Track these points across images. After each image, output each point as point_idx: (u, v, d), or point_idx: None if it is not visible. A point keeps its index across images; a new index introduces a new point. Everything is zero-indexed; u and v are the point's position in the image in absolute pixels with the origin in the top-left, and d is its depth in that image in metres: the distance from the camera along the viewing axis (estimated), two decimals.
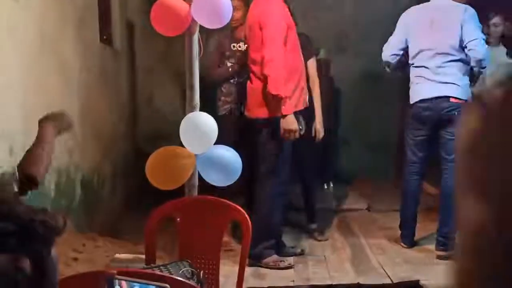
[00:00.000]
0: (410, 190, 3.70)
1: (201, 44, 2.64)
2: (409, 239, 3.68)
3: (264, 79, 3.15)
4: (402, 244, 3.70)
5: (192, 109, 2.62)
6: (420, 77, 3.50)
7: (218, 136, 2.60)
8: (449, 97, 3.42)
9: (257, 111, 3.28)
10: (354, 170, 6.14)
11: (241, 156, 2.66)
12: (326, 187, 5.56)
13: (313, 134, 3.75)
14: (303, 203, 4.13)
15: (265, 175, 3.32)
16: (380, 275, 3.19)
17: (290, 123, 3.17)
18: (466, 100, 3.41)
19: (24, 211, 0.89)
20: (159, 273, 2.03)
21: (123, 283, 1.22)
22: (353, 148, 6.27)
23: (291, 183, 3.64)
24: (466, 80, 3.48)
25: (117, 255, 3.51)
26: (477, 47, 3.34)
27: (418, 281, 3.09)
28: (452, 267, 0.55)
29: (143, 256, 2.47)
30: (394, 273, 3.20)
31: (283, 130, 3.18)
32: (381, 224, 4.39)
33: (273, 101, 3.17)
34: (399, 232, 3.79)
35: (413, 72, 3.56)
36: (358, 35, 6.10)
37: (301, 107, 3.39)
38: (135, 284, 1.21)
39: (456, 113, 3.40)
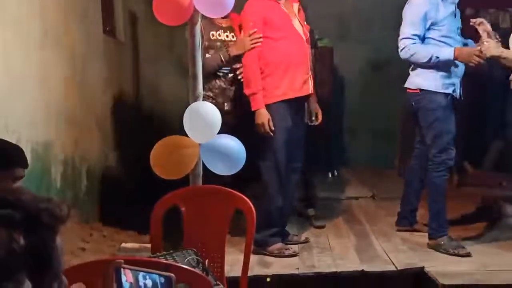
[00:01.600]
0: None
1: (203, 35, 2.65)
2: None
3: None
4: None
5: (196, 99, 2.62)
6: None
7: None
8: (406, 88, 3.51)
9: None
10: (358, 158, 6.14)
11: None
12: (330, 175, 5.57)
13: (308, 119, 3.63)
14: (303, 192, 4.15)
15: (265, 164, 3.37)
16: (384, 262, 3.21)
17: (259, 117, 3.27)
18: (415, 90, 3.42)
19: (29, 200, 0.90)
20: (164, 261, 2.05)
21: (128, 272, 1.24)
22: (357, 136, 6.26)
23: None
24: (417, 69, 3.45)
25: (124, 245, 3.54)
26: (399, 47, 3.39)
27: (422, 267, 3.10)
28: None
29: (149, 245, 2.49)
30: (398, 260, 3.21)
31: (256, 124, 3.28)
32: (385, 211, 4.40)
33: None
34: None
35: None
36: (359, 23, 6.08)
37: (295, 95, 3.39)
38: (139, 273, 1.23)
39: (413, 103, 3.46)
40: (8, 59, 2.92)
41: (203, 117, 2.55)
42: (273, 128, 3.28)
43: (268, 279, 3.06)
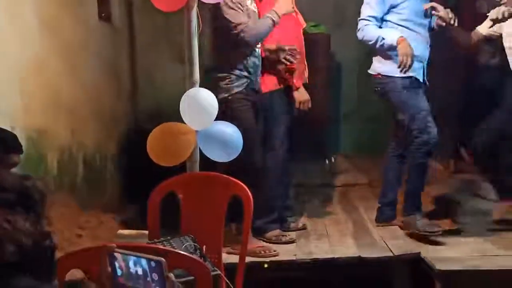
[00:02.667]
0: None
1: (200, 20, 2.63)
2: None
3: None
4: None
5: (192, 85, 2.61)
6: None
7: None
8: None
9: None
10: (355, 145, 6.15)
11: None
12: (327, 162, 5.58)
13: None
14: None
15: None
16: (381, 249, 3.22)
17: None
18: (377, 75, 3.41)
19: (15, 180, 0.92)
20: (162, 247, 2.06)
21: (119, 256, 1.24)
22: (354, 123, 6.26)
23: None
24: (377, 55, 3.42)
25: (121, 231, 3.54)
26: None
27: (419, 253, 3.11)
28: None
29: (147, 232, 2.50)
30: (395, 246, 3.23)
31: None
32: None
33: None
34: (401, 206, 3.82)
35: None
36: (356, 9, 6.04)
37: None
38: (129, 257, 1.23)
39: (377, 88, 3.45)
40: (3, 46, 2.90)
41: (200, 103, 2.55)
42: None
43: (265, 265, 3.07)
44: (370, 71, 3.48)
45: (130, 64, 5.40)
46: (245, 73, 3.14)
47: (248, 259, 2.63)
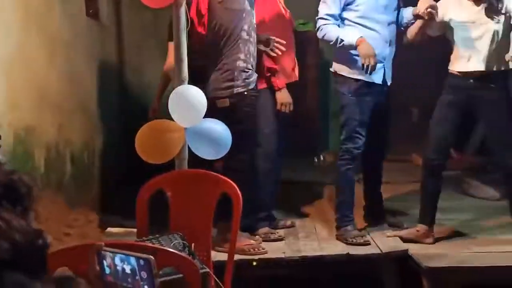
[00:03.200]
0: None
1: (188, 17, 2.62)
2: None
3: None
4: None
5: (181, 82, 2.60)
6: None
7: None
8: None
9: None
10: None
11: None
12: (316, 160, 5.59)
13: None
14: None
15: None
16: (369, 246, 3.23)
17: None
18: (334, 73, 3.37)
19: (2, 174, 0.91)
20: (151, 245, 2.05)
21: (107, 254, 1.23)
22: None
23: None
24: (335, 53, 3.39)
25: (109, 229, 3.53)
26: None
27: (406, 250, 3.14)
28: None
29: (135, 230, 2.49)
30: (383, 243, 3.24)
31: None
32: None
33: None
34: (389, 203, 3.84)
35: None
36: None
37: (286, 81, 3.42)
38: (118, 255, 1.22)
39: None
40: None
41: (189, 100, 2.54)
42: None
43: (254, 263, 3.07)
44: (331, 69, 3.44)
45: (118, 60, 5.37)
46: (254, 67, 3.14)
47: (237, 257, 2.63)
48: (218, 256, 2.75)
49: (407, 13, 3.36)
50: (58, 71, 3.79)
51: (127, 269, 1.22)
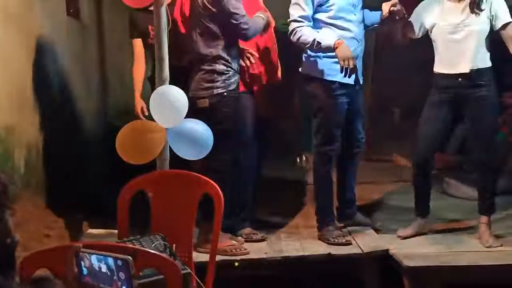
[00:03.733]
0: None
1: (169, 17, 2.61)
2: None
3: None
4: None
5: (162, 83, 2.59)
6: None
7: None
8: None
9: None
10: None
11: None
12: (298, 160, 5.60)
13: None
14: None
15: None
16: (351, 246, 3.25)
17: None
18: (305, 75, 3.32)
19: None
20: (131, 246, 2.04)
21: (85, 255, 1.23)
22: None
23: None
24: (306, 54, 3.33)
25: (90, 230, 3.50)
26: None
27: (387, 250, 3.16)
28: None
29: (116, 231, 2.47)
30: (365, 243, 3.26)
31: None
32: None
33: None
34: (371, 203, 3.86)
35: None
36: None
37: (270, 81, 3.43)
38: (96, 256, 1.22)
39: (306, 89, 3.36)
40: None
41: (170, 101, 2.53)
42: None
43: (236, 264, 3.07)
44: (300, 71, 3.37)
45: (99, 60, 5.32)
46: (236, 68, 3.13)
47: (218, 257, 2.62)
48: (199, 257, 2.74)
49: (374, 16, 3.39)
50: (38, 71, 3.74)
51: (105, 270, 1.21)
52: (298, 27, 3.17)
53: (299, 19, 3.18)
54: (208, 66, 3.07)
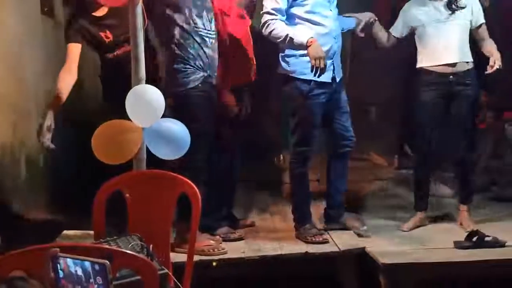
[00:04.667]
0: None
1: (145, 16, 2.59)
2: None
3: None
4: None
5: (138, 82, 2.57)
6: None
7: None
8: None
9: None
10: None
11: None
12: (276, 159, 5.61)
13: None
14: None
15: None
16: (328, 244, 3.27)
17: None
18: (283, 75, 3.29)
19: None
20: (107, 247, 2.02)
21: (62, 259, 1.22)
22: None
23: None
24: (283, 52, 3.31)
25: (66, 232, 3.47)
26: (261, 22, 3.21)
27: (364, 248, 3.19)
28: None
29: (92, 232, 2.45)
30: (341, 241, 3.29)
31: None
32: None
33: None
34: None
35: None
36: None
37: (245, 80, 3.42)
38: (73, 260, 1.21)
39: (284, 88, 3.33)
40: None
41: (146, 100, 2.51)
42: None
43: (214, 264, 3.07)
44: (278, 71, 3.34)
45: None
46: (201, 66, 3.08)
47: (196, 257, 2.62)
48: (177, 257, 2.74)
49: (349, 22, 3.46)
50: (12, 70, 3.69)
51: (83, 274, 1.20)
52: (271, 19, 3.13)
53: (272, 11, 3.13)
54: (170, 64, 3.07)
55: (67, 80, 3.08)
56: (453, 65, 3.39)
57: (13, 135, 3.65)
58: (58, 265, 1.21)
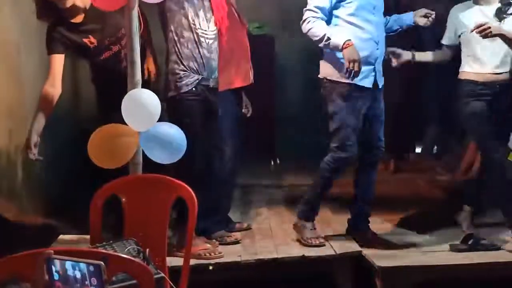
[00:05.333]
0: None
1: (141, 19, 2.60)
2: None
3: None
4: None
5: (134, 86, 2.58)
6: None
7: None
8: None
9: None
10: (300, 147, 6.22)
11: None
12: (272, 163, 5.63)
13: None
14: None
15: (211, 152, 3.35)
16: (324, 247, 3.27)
17: None
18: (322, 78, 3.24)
19: None
20: (103, 251, 2.02)
21: (57, 262, 1.22)
22: (299, 124, 6.34)
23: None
24: (324, 55, 3.25)
25: (62, 236, 3.46)
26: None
27: (360, 251, 3.20)
28: None
29: (88, 236, 2.45)
30: (338, 244, 3.29)
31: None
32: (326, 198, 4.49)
33: None
34: (344, 206, 3.87)
35: None
36: (301, 12, 6.12)
37: (241, 84, 3.43)
38: (67, 262, 1.21)
39: (321, 91, 3.26)
40: None
41: (142, 104, 2.51)
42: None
43: (210, 267, 3.06)
44: (319, 75, 3.28)
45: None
46: (195, 68, 3.06)
47: (193, 261, 2.62)
48: (174, 261, 2.73)
49: (407, 18, 3.33)
50: (8, 76, 3.69)
51: (77, 275, 1.20)
52: (312, 17, 3.07)
53: (315, 9, 3.08)
54: (165, 68, 3.08)
55: (51, 94, 3.02)
56: (500, 74, 3.25)
57: (9, 141, 3.65)
58: (53, 267, 1.21)
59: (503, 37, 3.13)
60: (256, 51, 3.69)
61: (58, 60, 3.00)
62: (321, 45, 3.11)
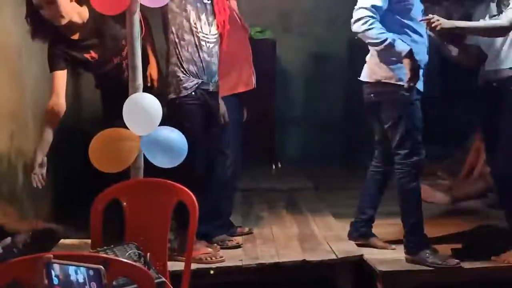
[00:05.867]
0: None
1: (143, 24, 2.60)
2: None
3: None
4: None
5: (135, 90, 2.58)
6: None
7: None
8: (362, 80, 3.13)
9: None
10: (301, 150, 6.22)
11: None
12: (274, 167, 5.63)
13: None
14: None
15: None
16: (326, 251, 3.27)
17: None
18: (375, 82, 3.04)
19: None
20: (103, 255, 2.02)
21: (56, 266, 1.22)
22: (301, 128, 6.35)
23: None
24: (376, 58, 3.04)
25: (63, 241, 3.46)
26: (354, 17, 2.91)
27: (361, 255, 3.19)
28: None
29: (89, 241, 2.45)
30: (339, 248, 3.29)
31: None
32: (328, 202, 4.50)
33: None
34: (346, 210, 3.85)
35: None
36: (302, 16, 6.14)
37: (244, 88, 3.43)
38: (67, 267, 1.21)
39: (372, 96, 3.06)
40: None
41: (144, 108, 2.51)
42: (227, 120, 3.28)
43: (212, 272, 3.06)
44: (364, 78, 3.09)
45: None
46: (195, 72, 3.06)
47: (194, 265, 2.62)
48: (175, 265, 2.73)
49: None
50: (9, 80, 3.70)
51: (77, 280, 1.20)
52: (369, 17, 2.84)
53: (372, 8, 2.85)
54: (166, 70, 3.08)
55: (56, 111, 3.01)
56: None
57: (10, 144, 3.65)
58: (53, 271, 1.21)
59: (456, 30, 2.89)
60: (257, 55, 3.70)
61: (61, 76, 3.00)
62: (377, 48, 2.93)
